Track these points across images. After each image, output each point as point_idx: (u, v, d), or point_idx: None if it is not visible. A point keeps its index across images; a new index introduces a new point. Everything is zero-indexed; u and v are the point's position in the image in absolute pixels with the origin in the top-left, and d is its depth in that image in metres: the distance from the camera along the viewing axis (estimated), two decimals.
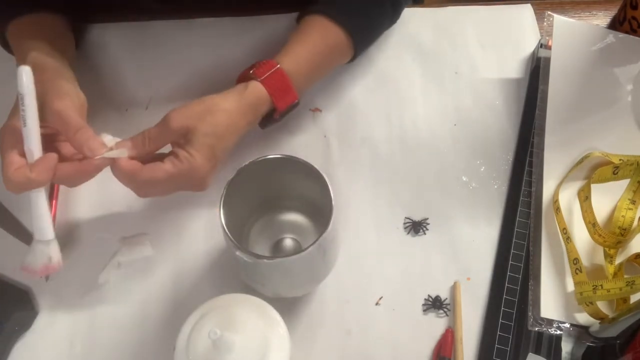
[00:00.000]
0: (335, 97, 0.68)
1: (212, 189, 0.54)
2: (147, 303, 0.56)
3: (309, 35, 0.61)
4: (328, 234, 0.46)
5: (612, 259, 0.56)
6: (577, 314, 0.54)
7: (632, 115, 0.65)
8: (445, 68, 0.70)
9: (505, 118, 0.67)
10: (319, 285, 0.55)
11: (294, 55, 0.59)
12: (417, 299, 0.57)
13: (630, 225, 0.56)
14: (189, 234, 0.60)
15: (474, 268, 0.58)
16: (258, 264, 0.46)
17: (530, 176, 0.62)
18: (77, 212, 0.60)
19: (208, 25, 0.72)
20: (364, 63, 0.70)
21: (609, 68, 0.68)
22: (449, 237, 0.60)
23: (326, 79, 0.68)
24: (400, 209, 0.61)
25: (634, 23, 0.70)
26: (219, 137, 0.52)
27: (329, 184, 0.47)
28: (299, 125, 0.66)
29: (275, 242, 0.56)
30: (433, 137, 0.66)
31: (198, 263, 0.58)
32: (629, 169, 0.57)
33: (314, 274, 0.52)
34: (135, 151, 0.51)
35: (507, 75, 0.70)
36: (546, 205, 0.60)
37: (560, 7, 0.77)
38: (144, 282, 0.57)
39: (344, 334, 0.55)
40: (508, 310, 0.56)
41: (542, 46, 0.69)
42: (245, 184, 0.50)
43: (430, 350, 0.54)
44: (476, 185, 0.63)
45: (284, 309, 0.55)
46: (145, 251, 0.57)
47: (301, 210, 0.57)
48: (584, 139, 0.63)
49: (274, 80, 0.56)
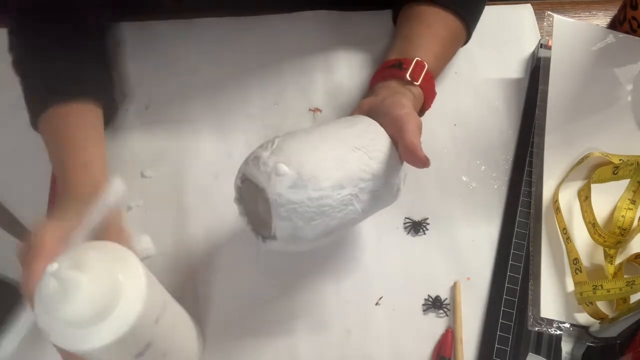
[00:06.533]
0: (335, 97, 0.68)
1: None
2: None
3: (435, 29, 0.61)
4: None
5: (612, 259, 0.56)
6: (577, 314, 0.54)
7: (632, 115, 0.65)
8: (445, 68, 0.70)
9: (505, 118, 0.67)
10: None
11: (431, 52, 0.59)
12: (417, 299, 0.57)
13: (630, 225, 0.56)
14: (189, 234, 0.60)
15: (474, 268, 0.58)
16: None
17: (530, 176, 0.62)
18: None
19: (208, 25, 0.72)
20: (364, 62, 0.70)
21: (609, 68, 0.68)
22: (449, 237, 0.60)
23: (325, 79, 0.68)
24: (400, 209, 0.61)
25: (634, 23, 0.70)
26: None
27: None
28: (299, 126, 0.66)
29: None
30: (433, 137, 0.66)
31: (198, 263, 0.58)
32: (629, 169, 0.57)
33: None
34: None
35: (507, 75, 0.70)
36: (546, 205, 0.60)
37: (560, 7, 0.77)
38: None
39: (344, 334, 0.55)
40: (508, 310, 0.56)
41: (542, 46, 0.69)
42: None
43: (430, 350, 0.54)
44: (476, 185, 0.63)
45: (284, 309, 0.56)
46: (148, 251, 0.57)
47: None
48: (584, 139, 0.63)
49: (426, 82, 0.57)
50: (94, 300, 0.37)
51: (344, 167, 0.46)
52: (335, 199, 0.45)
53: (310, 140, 0.47)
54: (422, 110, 0.59)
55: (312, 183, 0.44)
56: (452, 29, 0.63)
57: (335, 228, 0.47)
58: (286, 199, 0.44)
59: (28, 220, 0.58)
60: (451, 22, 0.62)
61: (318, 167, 0.45)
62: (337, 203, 0.45)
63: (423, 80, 0.57)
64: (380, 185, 0.48)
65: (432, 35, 0.60)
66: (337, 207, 0.46)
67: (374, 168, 0.47)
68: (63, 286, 0.36)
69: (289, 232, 0.45)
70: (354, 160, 0.47)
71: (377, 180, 0.48)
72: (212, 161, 0.63)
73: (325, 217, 0.45)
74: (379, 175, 0.48)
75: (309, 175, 0.44)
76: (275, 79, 0.69)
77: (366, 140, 0.48)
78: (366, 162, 0.47)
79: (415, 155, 0.47)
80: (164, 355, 0.44)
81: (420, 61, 0.57)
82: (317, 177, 0.44)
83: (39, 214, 0.59)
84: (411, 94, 0.56)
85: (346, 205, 0.46)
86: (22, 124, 0.65)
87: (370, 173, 0.47)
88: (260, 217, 0.47)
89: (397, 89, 0.56)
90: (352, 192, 0.46)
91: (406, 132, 0.48)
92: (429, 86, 0.58)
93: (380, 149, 0.48)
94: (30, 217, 0.59)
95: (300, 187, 0.44)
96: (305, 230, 0.45)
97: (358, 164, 0.47)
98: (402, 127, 0.48)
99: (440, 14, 0.62)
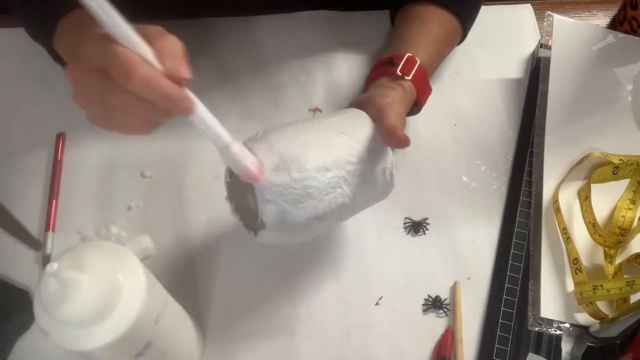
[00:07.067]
0: (335, 97, 0.68)
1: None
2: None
3: (430, 26, 0.61)
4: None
5: (612, 259, 0.56)
6: (577, 314, 0.54)
7: (632, 115, 0.65)
8: (445, 68, 0.70)
9: (505, 118, 0.67)
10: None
11: (424, 49, 0.59)
12: (417, 299, 0.57)
13: (630, 225, 0.56)
14: (189, 234, 0.60)
15: (474, 268, 0.58)
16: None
17: (530, 176, 0.62)
18: (78, 212, 0.60)
19: (208, 25, 0.72)
20: (363, 62, 0.70)
21: (609, 68, 0.68)
22: (449, 237, 0.60)
23: (325, 79, 0.68)
24: (400, 209, 0.61)
25: (634, 23, 0.70)
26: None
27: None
28: None
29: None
30: (433, 137, 0.66)
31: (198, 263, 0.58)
32: (629, 169, 0.57)
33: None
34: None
35: (507, 75, 0.70)
36: (546, 205, 0.60)
37: (560, 7, 0.77)
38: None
39: (344, 334, 0.55)
40: (508, 310, 0.56)
41: (542, 46, 0.69)
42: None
43: (430, 350, 0.54)
44: (476, 185, 0.63)
45: (284, 309, 0.56)
46: (148, 251, 0.58)
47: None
48: (584, 139, 0.63)
49: (418, 77, 0.57)
50: (94, 300, 0.37)
51: (328, 150, 0.46)
52: (320, 180, 0.45)
53: (295, 128, 0.48)
54: (418, 105, 0.59)
55: (295, 165, 0.44)
56: (448, 26, 0.62)
57: (326, 212, 0.46)
58: (269, 182, 0.44)
59: (28, 220, 0.58)
60: (447, 20, 0.62)
61: (301, 150, 0.45)
62: (323, 185, 0.45)
63: (415, 75, 0.56)
64: (369, 169, 0.48)
65: (426, 32, 0.60)
66: (324, 190, 0.45)
67: (360, 151, 0.47)
68: (63, 286, 0.36)
69: (276, 217, 0.45)
70: (339, 144, 0.47)
71: (364, 164, 0.48)
72: (212, 161, 0.63)
73: (312, 199, 0.45)
74: (365, 158, 0.48)
75: (292, 158, 0.44)
76: (275, 79, 0.69)
77: (352, 126, 0.49)
78: (352, 145, 0.47)
79: (394, 134, 0.48)
80: (164, 354, 0.44)
81: (411, 57, 0.57)
82: (299, 159, 0.45)
83: (39, 214, 0.60)
84: (401, 88, 0.55)
85: (334, 187, 0.46)
86: (22, 122, 0.65)
87: (357, 156, 0.47)
88: (251, 211, 0.47)
89: (387, 84, 0.56)
90: (339, 174, 0.46)
91: (386, 117, 0.49)
92: (422, 81, 0.57)
93: (366, 134, 0.49)
94: (30, 217, 0.59)
95: (283, 170, 0.44)
96: (293, 214, 0.45)
97: (344, 147, 0.47)
98: (383, 114, 0.49)
99: (437, 12, 0.62)
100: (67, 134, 0.64)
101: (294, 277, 0.57)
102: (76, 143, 0.64)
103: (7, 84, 0.68)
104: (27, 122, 0.65)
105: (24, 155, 0.63)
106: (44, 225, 0.59)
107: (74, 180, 0.62)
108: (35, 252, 0.57)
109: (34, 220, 0.59)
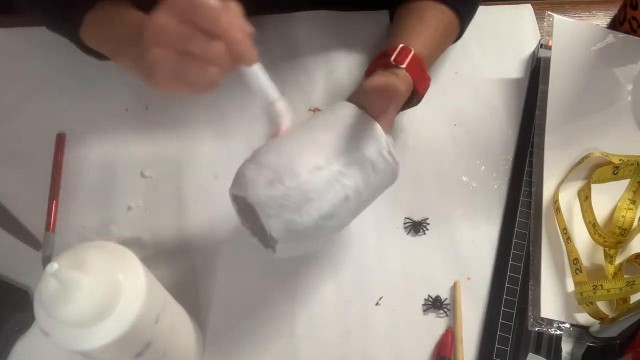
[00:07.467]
0: (335, 97, 0.68)
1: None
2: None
3: (426, 19, 0.61)
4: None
5: (612, 259, 0.56)
6: (577, 314, 0.54)
7: (632, 115, 0.65)
8: (445, 68, 0.70)
9: (505, 118, 0.67)
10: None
11: (420, 40, 0.59)
12: (417, 299, 0.57)
13: (630, 225, 0.56)
14: (189, 234, 0.60)
15: (474, 268, 0.58)
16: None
17: (530, 176, 0.62)
18: (78, 212, 0.60)
19: None
20: (363, 62, 0.70)
21: (609, 68, 0.68)
22: (449, 237, 0.60)
23: (325, 79, 0.68)
24: (400, 209, 0.61)
25: (634, 23, 0.70)
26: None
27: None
28: None
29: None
30: (433, 137, 0.66)
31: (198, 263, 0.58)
32: (629, 169, 0.57)
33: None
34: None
35: (507, 75, 0.70)
36: (546, 205, 0.60)
37: (560, 7, 0.77)
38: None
39: (344, 334, 0.55)
40: (508, 310, 0.56)
41: (542, 46, 0.69)
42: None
43: (430, 350, 0.54)
44: (476, 185, 0.63)
45: (284, 309, 0.56)
46: (148, 251, 0.57)
47: None
48: (584, 139, 0.63)
49: (413, 65, 0.56)
50: (94, 300, 0.37)
51: (316, 149, 0.46)
52: (316, 181, 0.45)
53: (280, 140, 0.47)
54: (416, 95, 0.58)
55: (287, 173, 0.44)
56: (445, 19, 0.62)
57: (333, 209, 0.46)
58: (267, 197, 0.44)
59: (28, 220, 0.58)
60: (446, 14, 0.62)
61: (289, 157, 0.45)
62: (320, 185, 0.45)
63: (410, 63, 0.55)
64: (363, 156, 0.48)
65: (422, 25, 0.60)
66: (323, 189, 0.45)
67: (349, 140, 0.47)
68: (63, 286, 0.36)
69: (283, 229, 0.45)
70: (325, 140, 0.47)
71: (357, 152, 0.47)
72: (212, 161, 0.63)
73: (314, 201, 0.45)
74: (356, 146, 0.47)
75: (282, 167, 0.45)
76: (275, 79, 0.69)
77: (336, 119, 0.49)
78: (339, 137, 0.47)
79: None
80: (164, 354, 0.44)
81: (405, 47, 0.56)
82: (290, 167, 0.45)
83: (39, 214, 0.60)
84: (394, 75, 0.55)
85: (332, 184, 0.46)
86: (22, 122, 0.66)
87: (347, 147, 0.47)
88: (264, 229, 0.47)
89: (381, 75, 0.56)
90: (333, 169, 0.46)
91: (370, 81, 0.49)
92: (417, 69, 0.56)
93: (350, 122, 0.48)
94: (31, 217, 0.59)
95: (277, 182, 0.44)
96: (299, 221, 0.45)
97: (330, 140, 0.47)
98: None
99: (435, 6, 0.62)
100: (67, 134, 0.64)
101: (294, 277, 0.57)
102: (76, 143, 0.64)
103: (7, 84, 0.68)
104: (27, 122, 0.65)
105: (24, 155, 0.64)
106: (44, 225, 0.59)
107: (74, 180, 0.62)
108: (36, 252, 0.57)
109: (34, 220, 0.59)
